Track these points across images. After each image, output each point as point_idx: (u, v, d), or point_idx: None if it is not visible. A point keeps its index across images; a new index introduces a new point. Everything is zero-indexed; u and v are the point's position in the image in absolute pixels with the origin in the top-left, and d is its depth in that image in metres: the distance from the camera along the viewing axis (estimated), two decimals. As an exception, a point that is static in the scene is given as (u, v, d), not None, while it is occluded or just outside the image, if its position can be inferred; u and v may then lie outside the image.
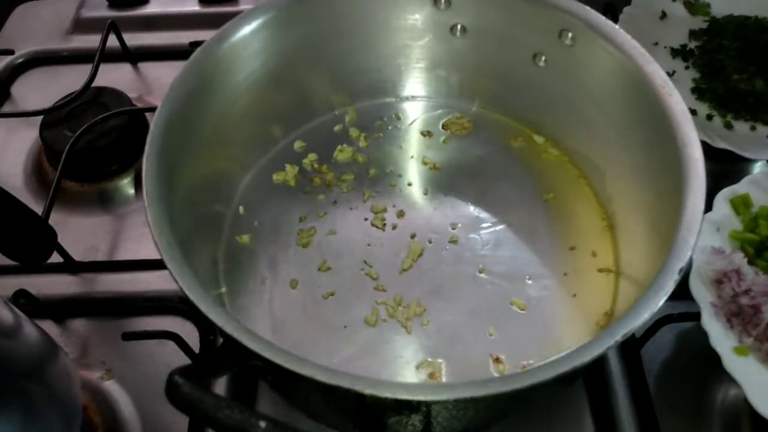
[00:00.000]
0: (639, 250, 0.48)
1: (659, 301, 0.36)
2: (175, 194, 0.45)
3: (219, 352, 0.35)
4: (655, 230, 0.45)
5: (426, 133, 0.62)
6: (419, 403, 0.33)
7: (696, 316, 0.49)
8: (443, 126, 0.62)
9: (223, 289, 0.53)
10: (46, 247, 0.50)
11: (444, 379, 0.48)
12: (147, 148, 0.44)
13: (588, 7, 0.51)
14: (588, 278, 0.52)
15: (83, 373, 0.53)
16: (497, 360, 0.48)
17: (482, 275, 0.53)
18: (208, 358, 0.48)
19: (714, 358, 0.52)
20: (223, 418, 0.28)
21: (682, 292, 0.53)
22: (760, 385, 0.44)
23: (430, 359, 0.49)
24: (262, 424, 0.27)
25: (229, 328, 0.34)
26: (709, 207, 0.45)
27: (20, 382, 0.40)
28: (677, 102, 0.45)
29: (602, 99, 0.52)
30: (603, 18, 0.51)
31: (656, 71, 0.46)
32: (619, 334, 0.34)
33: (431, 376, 0.48)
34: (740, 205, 0.53)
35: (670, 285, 0.36)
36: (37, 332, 0.44)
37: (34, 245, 0.49)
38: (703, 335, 0.52)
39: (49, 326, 0.55)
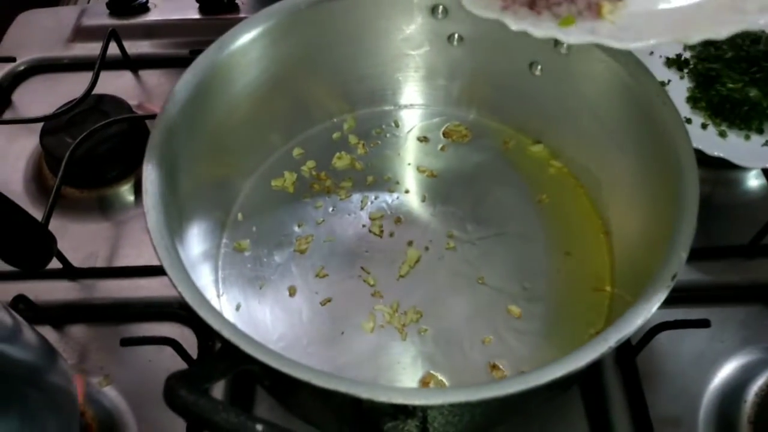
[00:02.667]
0: (634, 258, 0.49)
1: (652, 307, 0.36)
2: (175, 200, 0.46)
3: (216, 357, 0.35)
4: (650, 238, 0.45)
5: (423, 139, 0.62)
6: (415, 407, 0.33)
7: (691, 323, 0.50)
8: (444, 134, 0.62)
9: (222, 295, 0.53)
10: (45, 252, 0.51)
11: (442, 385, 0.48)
12: (147, 153, 0.44)
13: (583, 17, 0.52)
14: (584, 288, 0.52)
15: (81, 378, 0.53)
16: (494, 367, 0.49)
17: (479, 282, 0.53)
18: (205, 362, 0.48)
19: (711, 365, 0.52)
20: (220, 422, 0.28)
21: (677, 299, 0.54)
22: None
23: (427, 366, 0.49)
24: (259, 427, 0.28)
25: (227, 333, 0.34)
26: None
27: (19, 387, 0.40)
28: (671, 111, 0.45)
29: (597, 108, 0.52)
30: (598, 27, 0.51)
31: (651, 80, 0.47)
32: (612, 340, 0.34)
33: (428, 382, 0.48)
34: None
35: (663, 291, 0.37)
36: (36, 337, 0.44)
37: (33, 251, 0.49)
38: (699, 341, 0.52)
39: (47, 332, 0.55)
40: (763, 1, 0.33)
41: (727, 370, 0.52)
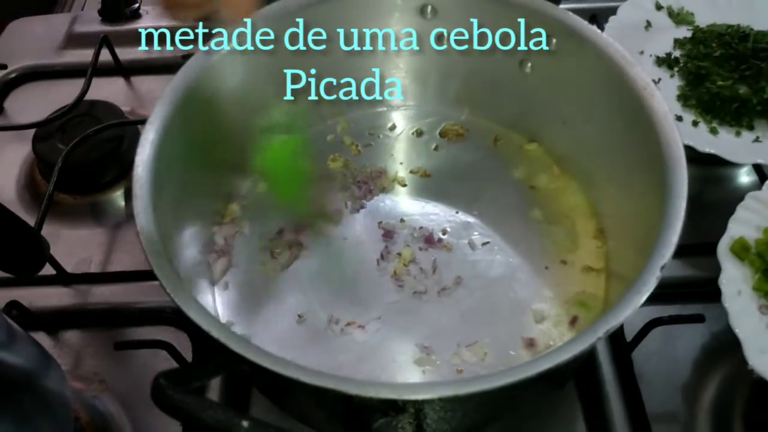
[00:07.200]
0: (628, 252, 0.49)
1: (642, 298, 0.36)
2: (166, 203, 0.46)
3: (206, 357, 0.35)
4: (642, 230, 0.45)
5: (416, 139, 0.62)
6: (405, 402, 0.33)
7: (685, 318, 0.50)
8: (440, 134, 0.63)
9: (217, 295, 0.53)
10: (38, 258, 0.51)
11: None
12: (138, 157, 0.44)
13: (571, 13, 0.52)
14: (580, 284, 0.52)
15: (75, 384, 0.53)
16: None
17: (473, 280, 0.53)
18: (194, 362, 0.48)
19: (705, 360, 0.52)
20: (206, 419, 0.28)
21: (671, 295, 0.54)
22: None
23: (423, 364, 0.49)
24: (245, 423, 0.28)
25: (215, 332, 0.34)
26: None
27: (13, 392, 0.40)
28: (659, 103, 0.45)
29: (587, 102, 0.53)
30: (586, 23, 0.51)
31: (638, 74, 0.47)
32: (601, 331, 0.34)
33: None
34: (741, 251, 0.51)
35: (652, 282, 0.37)
36: (30, 343, 0.44)
37: (26, 257, 0.49)
38: (693, 337, 0.52)
39: (41, 338, 0.55)
40: None
41: (721, 364, 0.52)
